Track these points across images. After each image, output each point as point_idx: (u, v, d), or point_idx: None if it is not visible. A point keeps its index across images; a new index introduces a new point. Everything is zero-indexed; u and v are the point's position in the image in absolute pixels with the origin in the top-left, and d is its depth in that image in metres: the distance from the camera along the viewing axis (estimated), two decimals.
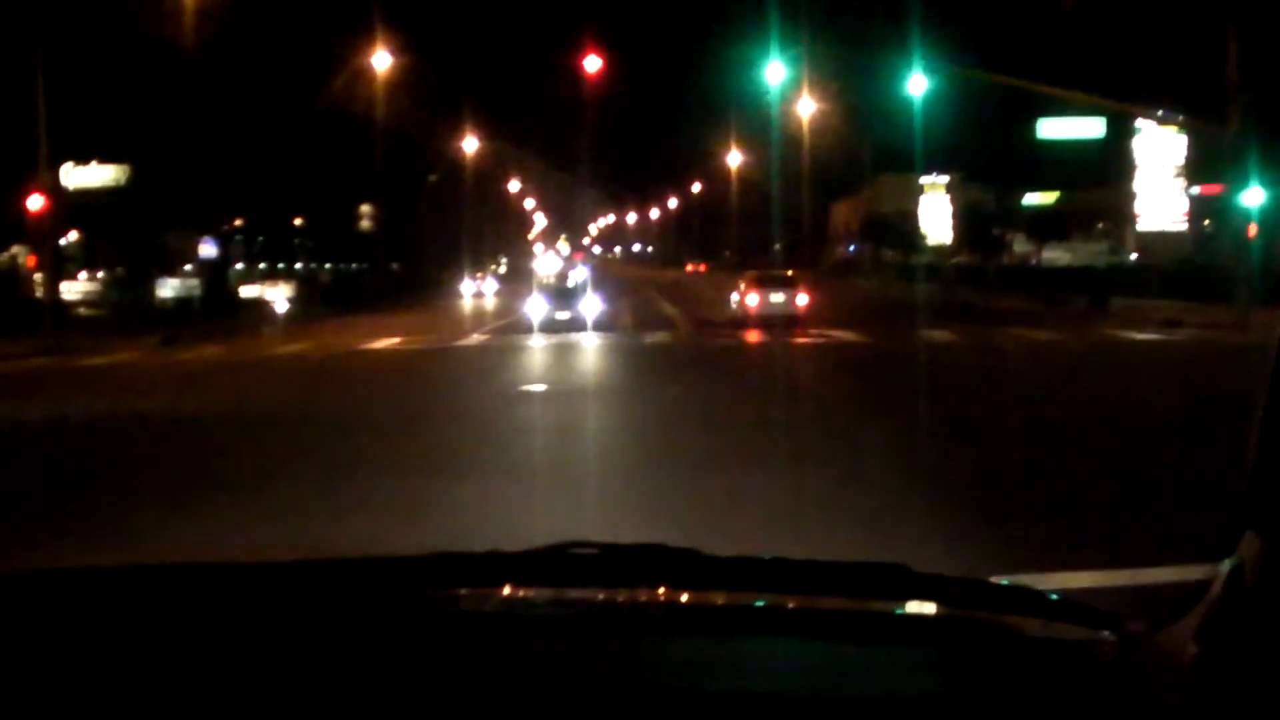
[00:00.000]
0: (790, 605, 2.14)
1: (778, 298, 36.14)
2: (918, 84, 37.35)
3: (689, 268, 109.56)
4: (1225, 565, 1.57)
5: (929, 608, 2.16)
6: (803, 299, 36.22)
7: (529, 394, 19.31)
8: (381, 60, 40.83)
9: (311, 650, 1.89)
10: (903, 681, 1.76)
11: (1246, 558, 1.52)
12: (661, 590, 2.22)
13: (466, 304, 58.57)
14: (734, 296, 38.78)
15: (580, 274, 45.22)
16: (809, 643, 1.90)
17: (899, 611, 2.18)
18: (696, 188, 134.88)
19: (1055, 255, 69.41)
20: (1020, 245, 71.78)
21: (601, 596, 2.21)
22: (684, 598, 2.20)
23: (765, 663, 1.83)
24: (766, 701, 1.68)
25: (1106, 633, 1.89)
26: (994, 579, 2.31)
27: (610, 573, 2.23)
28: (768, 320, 34.51)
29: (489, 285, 73.84)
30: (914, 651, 1.90)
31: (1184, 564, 6.24)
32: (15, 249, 51.96)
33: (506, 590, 2.22)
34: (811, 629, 1.99)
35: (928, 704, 1.68)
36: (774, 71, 38.00)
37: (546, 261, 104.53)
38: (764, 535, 8.37)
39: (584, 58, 36.61)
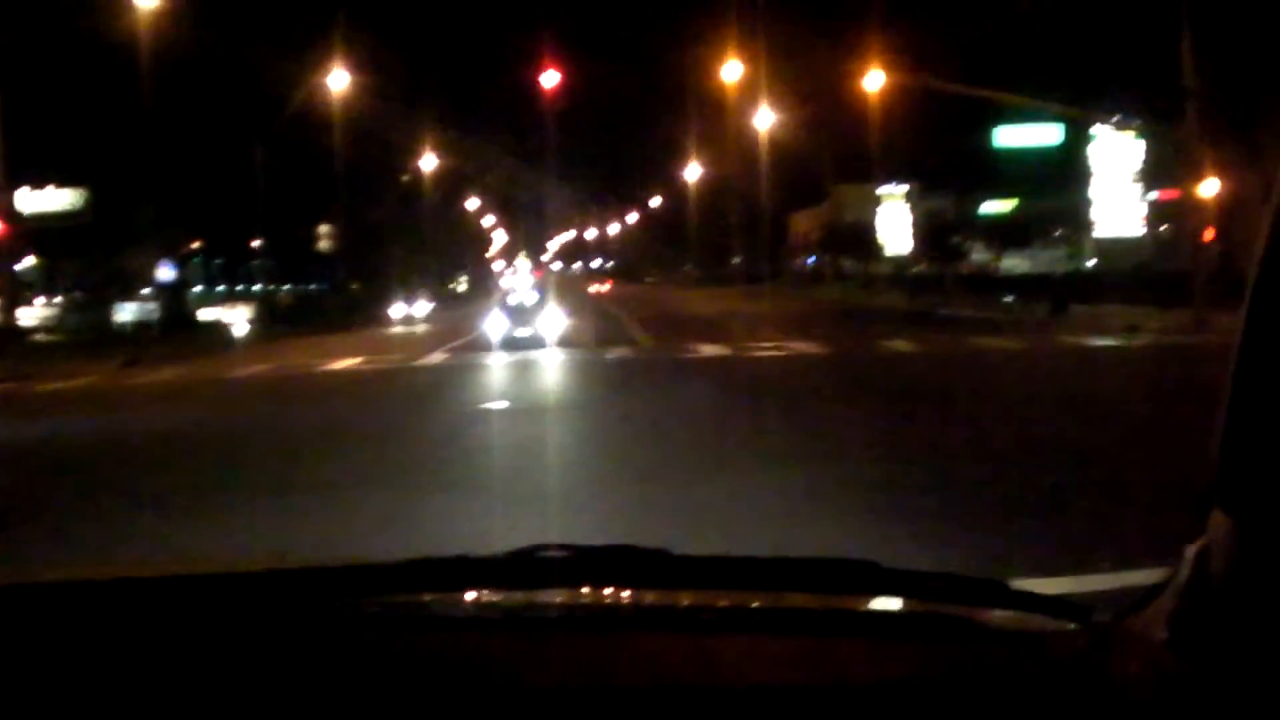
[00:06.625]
0: (760, 602, 2.13)
1: (602, 287, 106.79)
2: (874, 81, 37.46)
3: (593, 288, 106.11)
4: (1193, 548, 1.58)
5: (897, 602, 2.16)
6: (607, 287, 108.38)
7: (491, 411, 19.27)
8: (339, 79, 40.64)
9: (278, 659, 1.86)
10: (872, 674, 1.76)
11: (1214, 538, 1.53)
12: (631, 590, 2.20)
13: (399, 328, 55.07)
14: (590, 288, 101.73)
15: (535, 291, 44.24)
16: (778, 638, 1.89)
17: (868, 606, 2.18)
18: (656, 202, 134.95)
19: (1014, 263, 69.80)
20: (979, 253, 72.15)
21: (572, 598, 2.19)
22: (655, 597, 2.18)
23: (736, 658, 1.83)
24: (739, 695, 1.68)
25: (1073, 623, 1.90)
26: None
27: (580, 574, 2.21)
28: (595, 296, 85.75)
29: (420, 308, 65.26)
30: (882, 645, 1.89)
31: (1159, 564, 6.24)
32: None
33: (475, 594, 2.19)
34: (781, 625, 1.99)
35: (895, 694, 1.68)
36: (730, 71, 38.16)
37: (516, 278, 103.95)
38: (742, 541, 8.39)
39: (541, 73, 36.63)
